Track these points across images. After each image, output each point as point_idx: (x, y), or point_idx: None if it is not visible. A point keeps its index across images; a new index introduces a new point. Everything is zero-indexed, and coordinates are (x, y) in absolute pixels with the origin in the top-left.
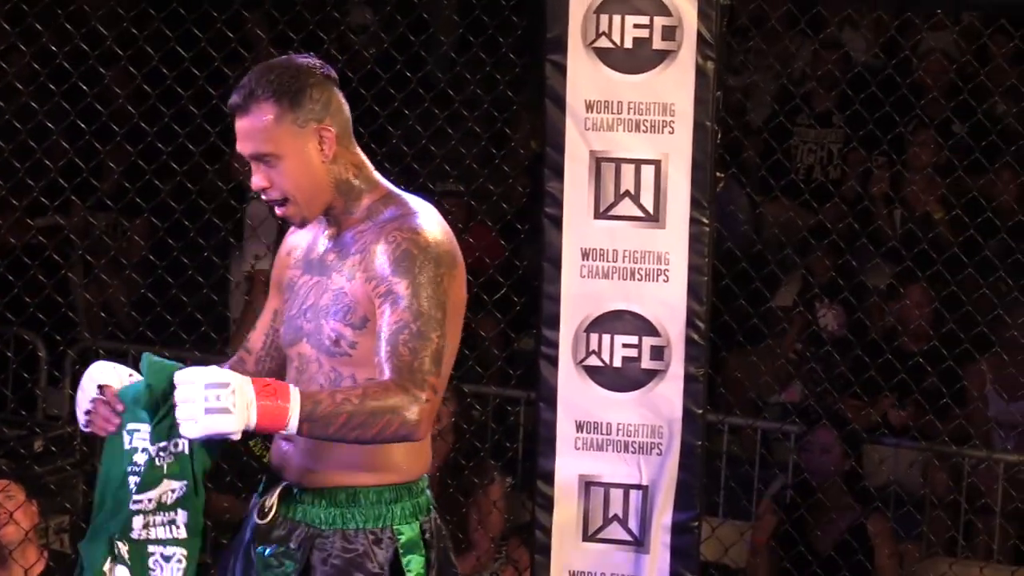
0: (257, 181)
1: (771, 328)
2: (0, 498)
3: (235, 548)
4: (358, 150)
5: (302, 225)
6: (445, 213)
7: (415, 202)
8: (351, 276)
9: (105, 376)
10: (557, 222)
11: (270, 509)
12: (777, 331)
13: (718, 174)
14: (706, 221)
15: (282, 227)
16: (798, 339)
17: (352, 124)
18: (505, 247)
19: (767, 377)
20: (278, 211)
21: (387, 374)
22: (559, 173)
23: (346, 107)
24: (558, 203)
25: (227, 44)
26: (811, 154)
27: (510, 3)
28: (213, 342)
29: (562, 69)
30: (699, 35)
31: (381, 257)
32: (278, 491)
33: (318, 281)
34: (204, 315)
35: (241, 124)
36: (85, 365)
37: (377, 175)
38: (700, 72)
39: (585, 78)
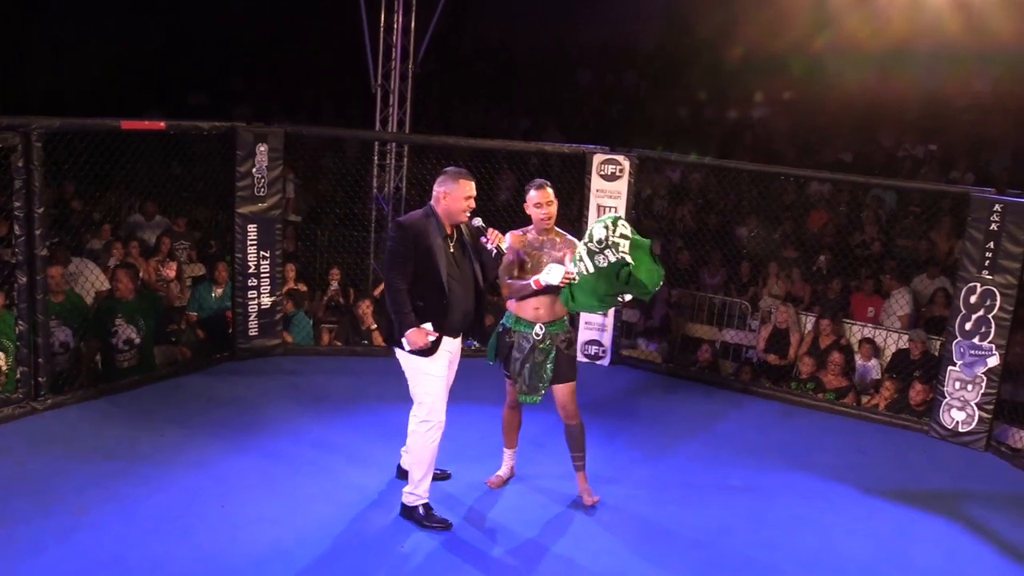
0: (552, 210)
1: None
2: None
3: (513, 355)
4: None
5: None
6: None
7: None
8: (562, 253)
9: None
10: None
11: (539, 332)
12: None
13: None
14: None
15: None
16: None
17: None
18: None
19: None
20: (549, 221)
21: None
22: None
23: None
24: None
25: None
26: None
27: None
28: None
29: None
30: None
31: (569, 249)
32: (540, 326)
33: (546, 252)
34: None
35: (547, 191)
36: None
37: None
38: None
39: None
